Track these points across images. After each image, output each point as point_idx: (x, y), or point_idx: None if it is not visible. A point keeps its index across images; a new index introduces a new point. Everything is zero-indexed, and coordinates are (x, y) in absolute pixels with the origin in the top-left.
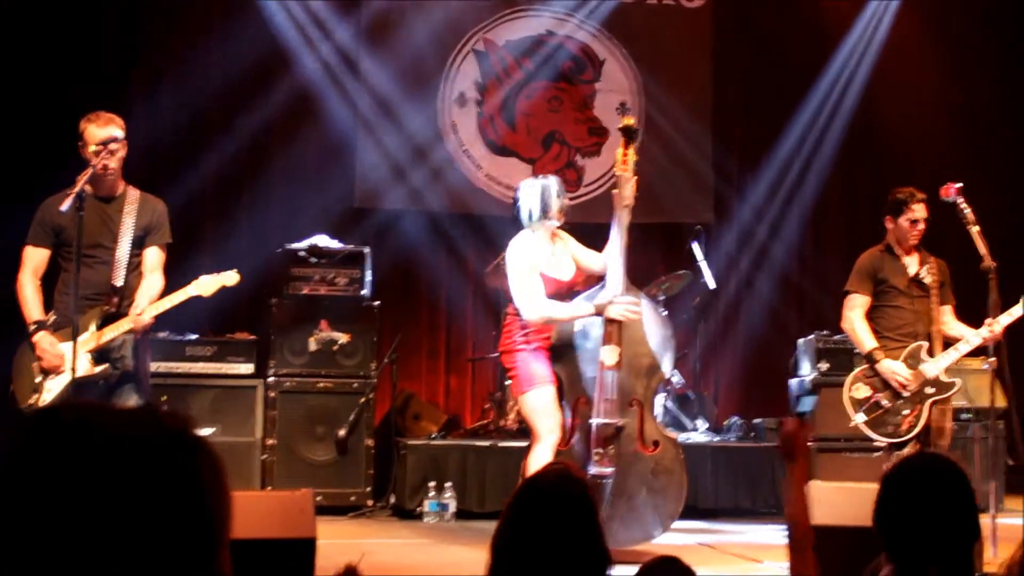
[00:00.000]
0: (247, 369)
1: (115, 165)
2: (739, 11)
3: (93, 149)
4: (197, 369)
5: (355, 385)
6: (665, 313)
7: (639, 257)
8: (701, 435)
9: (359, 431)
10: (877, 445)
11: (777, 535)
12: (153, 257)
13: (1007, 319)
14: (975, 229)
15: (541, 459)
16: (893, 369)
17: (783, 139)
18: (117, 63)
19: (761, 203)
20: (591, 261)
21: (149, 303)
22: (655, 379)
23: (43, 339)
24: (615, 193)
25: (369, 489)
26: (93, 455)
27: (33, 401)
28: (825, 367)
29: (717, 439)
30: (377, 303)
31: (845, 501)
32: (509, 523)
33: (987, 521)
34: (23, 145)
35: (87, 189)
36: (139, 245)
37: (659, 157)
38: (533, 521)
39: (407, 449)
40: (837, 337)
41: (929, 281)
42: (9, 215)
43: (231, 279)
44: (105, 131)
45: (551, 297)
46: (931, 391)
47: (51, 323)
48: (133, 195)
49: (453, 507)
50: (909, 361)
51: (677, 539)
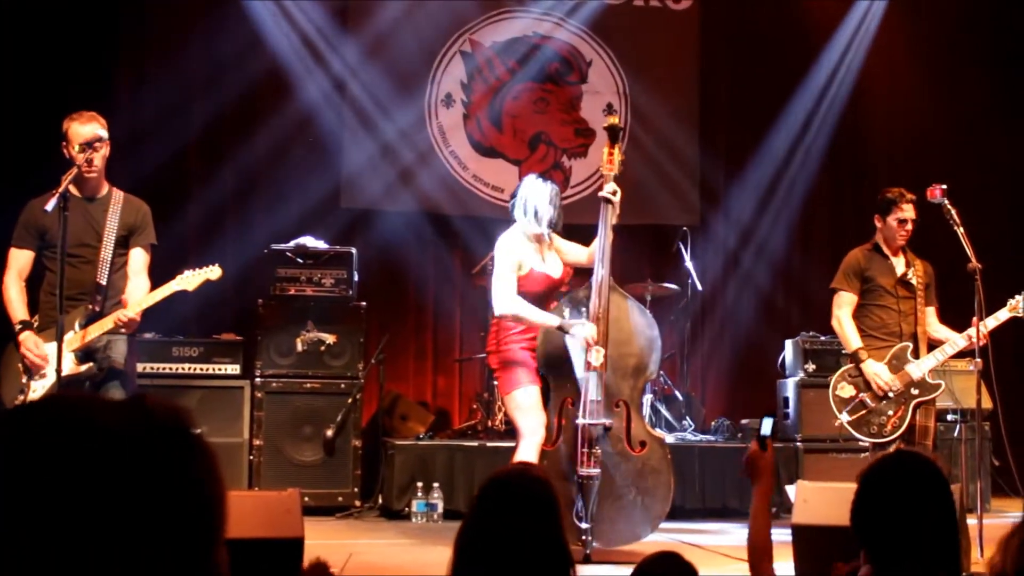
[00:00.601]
0: (234, 370)
1: (99, 163)
2: (726, 13)
3: (77, 148)
4: (184, 370)
5: (342, 386)
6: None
7: (626, 258)
8: (689, 435)
9: (346, 432)
10: (863, 445)
11: None
12: (138, 259)
13: (993, 322)
14: (961, 231)
15: (525, 458)
16: (876, 371)
17: (770, 140)
18: (99, 63)
19: (748, 204)
20: (576, 254)
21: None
22: (641, 380)
23: (28, 339)
24: (601, 196)
25: (356, 490)
26: (89, 449)
27: (19, 402)
28: (812, 368)
29: (704, 440)
30: (364, 304)
31: (830, 501)
32: (472, 521)
33: (974, 522)
34: (5, 146)
35: (71, 189)
36: (123, 245)
37: (646, 159)
38: (496, 519)
39: (395, 450)
40: (824, 338)
41: (916, 282)
42: None
43: (214, 273)
44: (88, 128)
45: (544, 293)
46: (916, 392)
47: (36, 323)
48: (117, 195)
49: (441, 507)
50: (894, 363)
51: (664, 539)
